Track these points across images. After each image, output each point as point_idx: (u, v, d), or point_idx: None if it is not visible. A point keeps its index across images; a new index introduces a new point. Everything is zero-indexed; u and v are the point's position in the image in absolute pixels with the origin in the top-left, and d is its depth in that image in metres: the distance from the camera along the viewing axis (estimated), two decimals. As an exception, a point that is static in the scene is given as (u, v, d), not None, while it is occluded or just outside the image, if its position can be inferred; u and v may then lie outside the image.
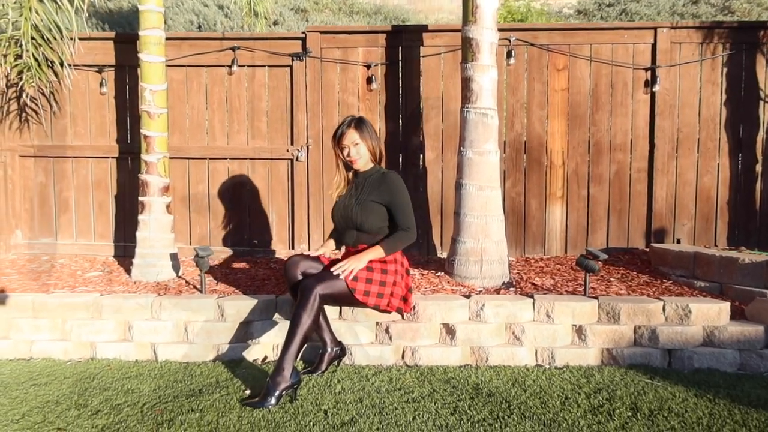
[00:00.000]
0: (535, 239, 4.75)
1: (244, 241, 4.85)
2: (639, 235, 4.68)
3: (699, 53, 4.63)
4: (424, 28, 4.67)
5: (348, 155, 3.10)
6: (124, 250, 4.79)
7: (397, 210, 3.03)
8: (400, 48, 4.71)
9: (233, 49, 4.71)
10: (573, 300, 3.28)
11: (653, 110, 4.64)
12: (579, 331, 3.22)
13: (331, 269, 2.92)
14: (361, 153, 3.08)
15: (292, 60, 4.71)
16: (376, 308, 3.03)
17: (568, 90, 4.69)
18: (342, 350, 3.17)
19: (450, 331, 3.22)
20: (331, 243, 3.26)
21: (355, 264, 2.90)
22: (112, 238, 4.90)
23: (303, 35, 4.71)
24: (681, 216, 4.68)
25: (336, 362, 3.17)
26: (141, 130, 4.12)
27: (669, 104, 4.62)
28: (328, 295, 2.85)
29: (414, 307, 3.22)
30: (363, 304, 2.99)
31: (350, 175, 3.20)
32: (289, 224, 4.83)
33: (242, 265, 4.46)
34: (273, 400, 2.68)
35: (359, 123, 3.11)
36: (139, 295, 3.51)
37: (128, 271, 4.20)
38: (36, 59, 4.34)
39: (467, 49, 3.88)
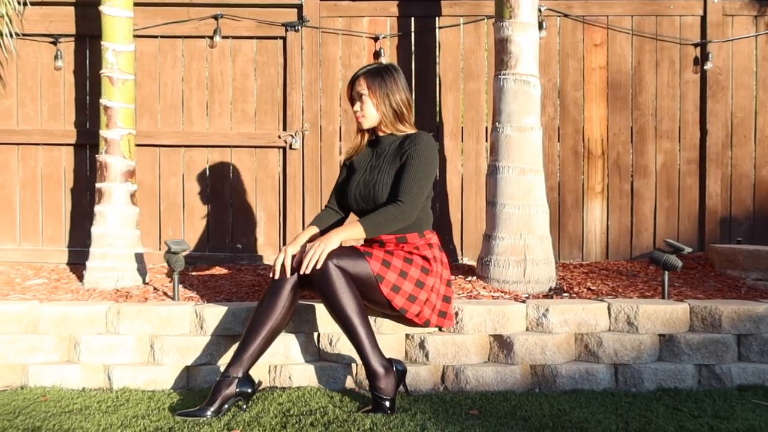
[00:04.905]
0: (571, 242, 4.05)
1: (226, 245, 4.04)
2: (691, 237, 4.01)
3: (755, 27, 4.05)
4: (442, -6, 4.01)
5: (354, 110, 2.42)
6: (81, 257, 3.90)
7: (404, 172, 2.29)
8: (413, 18, 4.04)
9: (216, 17, 3.97)
10: (659, 303, 2.56)
11: (704, 92, 4.02)
12: (669, 341, 2.49)
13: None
14: (365, 111, 2.38)
15: (286, 31, 3.99)
16: (401, 313, 2.26)
17: (607, 68, 4.05)
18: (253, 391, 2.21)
19: (504, 345, 2.45)
20: (310, 232, 2.46)
21: (324, 246, 2.14)
22: (66, 242, 4.04)
23: (299, 2, 3.99)
24: (737, 214, 4.04)
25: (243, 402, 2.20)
26: (101, 100, 3.34)
27: (722, 85, 4.01)
28: (345, 272, 2.16)
29: (456, 313, 2.46)
30: (386, 303, 2.24)
31: (365, 138, 2.51)
32: (280, 224, 4.04)
33: (223, 271, 3.65)
34: (388, 404, 2.09)
35: (375, 71, 2.40)
36: (90, 303, 2.68)
37: (81, 278, 3.36)
38: (-27, 21, 3.55)
39: (503, 4, 3.22)
